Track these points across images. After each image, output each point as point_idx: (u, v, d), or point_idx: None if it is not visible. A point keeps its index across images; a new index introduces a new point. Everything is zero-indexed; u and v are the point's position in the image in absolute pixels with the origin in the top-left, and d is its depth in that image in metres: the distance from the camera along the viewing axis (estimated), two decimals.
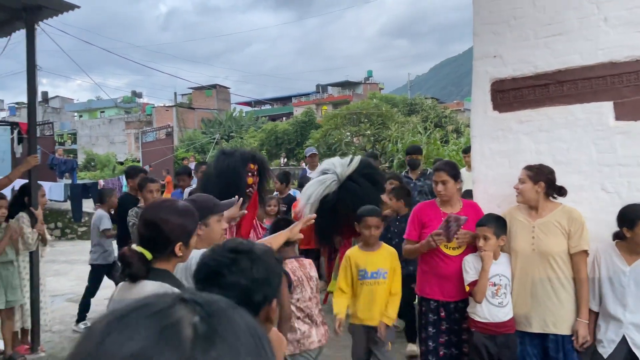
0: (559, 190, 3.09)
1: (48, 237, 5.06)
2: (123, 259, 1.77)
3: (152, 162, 18.54)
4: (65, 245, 11.55)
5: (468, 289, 3.14)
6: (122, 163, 26.95)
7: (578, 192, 3.17)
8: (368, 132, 18.99)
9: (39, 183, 4.93)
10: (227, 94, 47.60)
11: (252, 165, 3.83)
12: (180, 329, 0.49)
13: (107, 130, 41.42)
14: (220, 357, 0.49)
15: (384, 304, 3.41)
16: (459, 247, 3.27)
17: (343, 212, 4.77)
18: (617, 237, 2.97)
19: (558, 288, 3.01)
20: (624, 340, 2.88)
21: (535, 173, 3.07)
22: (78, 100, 55.80)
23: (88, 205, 12.03)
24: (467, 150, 6.10)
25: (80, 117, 49.69)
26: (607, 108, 3.15)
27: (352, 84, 49.52)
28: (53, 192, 11.73)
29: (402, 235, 4.25)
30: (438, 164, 3.54)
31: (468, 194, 3.94)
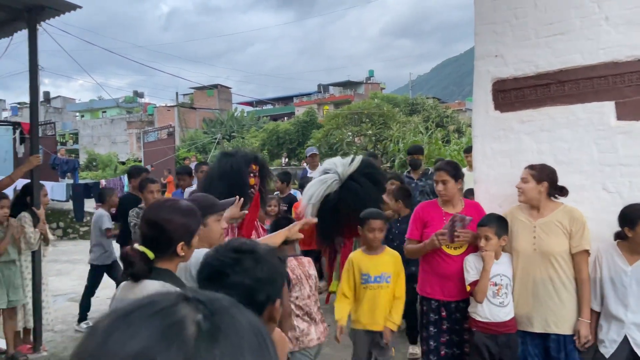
0: (560, 191, 3.09)
1: (50, 236, 5.07)
2: (125, 259, 1.78)
3: (153, 162, 18.53)
4: (67, 245, 11.57)
5: (469, 289, 3.14)
6: (123, 163, 26.99)
7: (579, 191, 3.16)
8: (369, 132, 18.97)
9: (41, 183, 4.94)
10: (228, 94, 47.61)
11: (254, 166, 3.83)
12: (184, 327, 0.50)
13: (108, 130, 41.44)
14: (224, 354, 0.49)
15: (388, 309, 3.36)
16: (461, 246, 3.27)
17: (344, 211, 4.77)
18: (618, 237, 2.97)
19: (559, 288, 3.01)
20: (626, 340, 2.88)
21: (539, 172, 3.06)
22: (80, 100, 55.89)
23: (90, 205, 12.04)
24: (468, 150, 6.09)
25: (82, 117, 49.72)
26: (608, 108, 3.14)
27: (353, 84, 49.47)
28: (55, 192, 11.75)
29: (402, 237, 4.24)
30: (439, 164, 3.55)
31: (469, 193, 3.94)
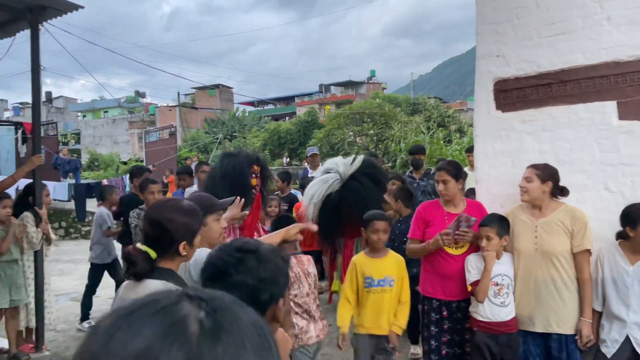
0: (562, 191, 3.09)
1: (53, 236, 5.08)
2: (128, 258, 1.78)
3: (155, 161, 18.55)
4: (69, 245, 11.59)
5: (470, 289, 3.14)
6: (125, 163, 27.02)
7: (581, 191, 3.16)
8: (371, 131, 18.97)
9: (43, 183, 4.95)
10: (230, 94, 47.66)
11: (256, 167, 3.84)
12: (187, 325, 0.50)
13: (110, 130, 41.50)
14: (227, 351, 0.49)
15: (392, 313, 3.31)
16: (462, 246, 3.27)
17: (346, 211, 4.77)
18: (620, 236, 2.97)
19: (561, 287, 3.00)
20: (628, 340, 2.88)
21: (543, 172, 3.05)
22: (82, 100, 55.98)
23: (92, 205, 12.06)
24: (470, 150, 6.09)
25: (84, 117, 49.79)
26: (610, 107, 3.14)
27: (355, 84, 49.47)
28: (57, 191, 11.77)
29: (402, 237, 4.23)
30: (440, 164, 3.55)
31: (470, 193, 3.94)
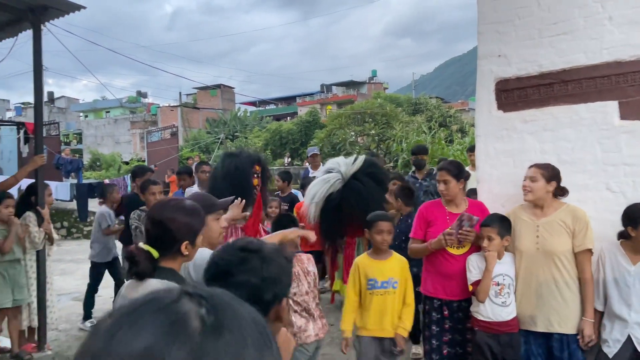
0: (562, 191, 3.10)
1: (55, 236, 5.09)
2: (130, 257, 1.79)
3: (157, 161, 18.58)
4: (71, 245, 11.62)
5: (471, 289, 3.14)
6: (127, 163, 27.03)
7: (583, 191, 3.16)
8: (372, 131, 18.94)
9: (46, 182, 4.97)
10: (231, 94, 47.65)
11: (257, 167, 3.86)
12: (188, 322, 0.50)
13: (112, 130, 41.53)
14: (229, 347, 0.50)
15: (395, 315, 3.29)
16: (464, 246, 3.27)
17: (347, 211, 4.78)
18: (622, 236, 2.97)
19: (563, 287, 3.00)
20: (629, 340, 2.88)
21: (548, 172, 3.05)
22: (83, 100, 55.99)
23: (94, 205, 12.08)
24: (472, 149, 6.08)
25: (86, 117, 49.83)
26: (611, 107, 3.14)
27: (356, 84, 49.44)
28: (59, 191, 11.79)
29: (402, 236, 4.23)
30: (442, 164, 3.56)
31: (471, 193, 3.94)
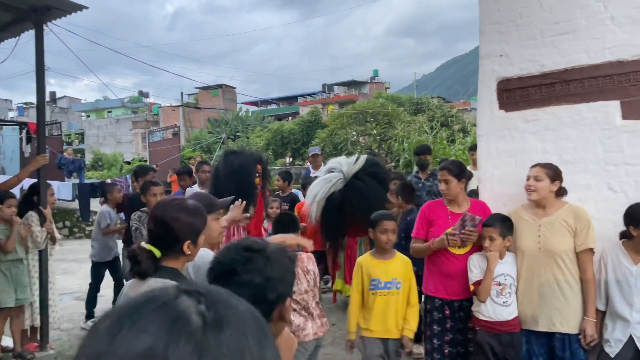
0: (562, 190, 3.10)
1: (57, 235, 5.10)
2: (132, 257, 1.79)
3: (158, 161, 18.62)
4: (74, 244, 11.64)
5: (472, 288, 3.14)
6: (129, 163, 27.05)
7: (584, 191, 3.16)
8: (374, 131, 18.94)
9: (48, 182, 4.98)
10: (233, 94, 47.66)
11: (259, 166, 3.87)
12: (189, 319, 0.51)
13: (114, 130, 41.59)
14: (230, 341, 0.51)
15: (399, 315, 3.26)
16: (465, 246, 3.27)
17: (349, 210, 4.79)
18: (623, 236, 2.96)
19: (564, 287, 3.00)
20: (631, 340, 2.88)
21: (553, 171, 3.06)
22: (85, 100, 56.08)
23: (96, 205, 12.11)
24: (473, 148, 6.07)
25: (88, 117, 49.90)
26: (613, 107, 3.14)
27: (358, 84, 49.43)
28: (61, 191, 11.81)
29: (401, 234, 4.23)
30: (443, 164, 3.56)
31: (473, 194, 3.93)
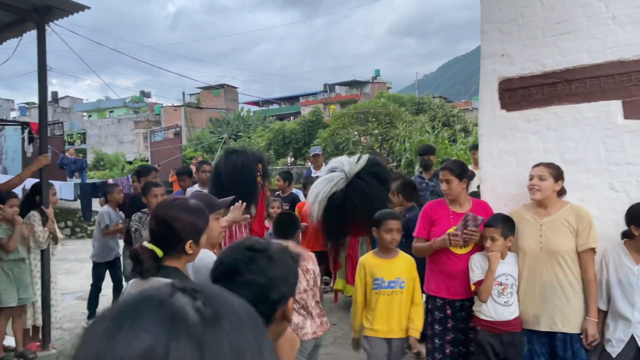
0: (563, 190, 3.10)
1: (59, 235, 5.11)
2: (134, 256, 1.80)
3: (160, 161, 18.65)
4: (75, 244, 11.66)
5: (473, 288, 3.14)
6: (130, 162, 27.09)
7: (586, 191, 3.16)
8: (376, 131, 18.95)
9: (50, 182, 4.98)
10: (235, 94, 47.68)
11: (260, 166, 3.88)
12: (187, 316, 0.51)
13: (116, 130, 41.62)
14: (228, 335, 0.51)
15: (403, 315, 3.24)
16: (467, 245, 3.27)
17: (350, 210, 4.79)
18: (625, 236, 2.96)
19: (566, 286, 3.00)
20: (633, 340, 2.88)
21: (556, 171, 3.05)
22: (87, 100, 56.19)
23: (97, 205, 12.14)
24: (475, 147, 6.06)
25: (90, 117, 49.96)
26: (615, 107, 3.13)
27: (359, 83, 49.42)
28: (63, 191, 11.84)
29: (402, 231, 4.22)
30: (444, 163, 3.56)
31: (473, 195, 3.92)
